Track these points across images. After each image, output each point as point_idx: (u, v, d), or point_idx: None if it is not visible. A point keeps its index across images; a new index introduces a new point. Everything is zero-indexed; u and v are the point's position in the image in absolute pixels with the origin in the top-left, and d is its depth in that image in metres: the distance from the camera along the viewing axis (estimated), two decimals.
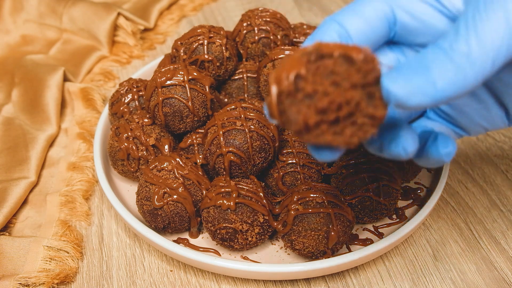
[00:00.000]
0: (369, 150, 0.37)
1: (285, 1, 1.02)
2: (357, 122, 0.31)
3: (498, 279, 0.53)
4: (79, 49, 0.86)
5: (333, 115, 0.31)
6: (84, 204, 0.62)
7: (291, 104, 0.31)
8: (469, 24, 0.30)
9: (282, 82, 0.30)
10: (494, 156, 0.67)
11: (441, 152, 0.36)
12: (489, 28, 0.29)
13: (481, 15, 0.30)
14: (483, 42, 0.29)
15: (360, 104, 0.31)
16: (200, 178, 0.55)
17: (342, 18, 0.37)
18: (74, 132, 0.71)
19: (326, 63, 0.31)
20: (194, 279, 0.54)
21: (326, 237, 0.49)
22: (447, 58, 0.30)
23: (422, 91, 0.30)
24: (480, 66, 0.30)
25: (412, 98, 0.30)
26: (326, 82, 0.31)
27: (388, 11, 0.37)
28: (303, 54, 0.31)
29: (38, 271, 0.53)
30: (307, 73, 0.30)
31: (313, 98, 0.31)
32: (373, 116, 0.31)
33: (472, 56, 0.29)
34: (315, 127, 0.31)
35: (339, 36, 0.36)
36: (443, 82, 0.30)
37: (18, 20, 0.91)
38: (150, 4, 0.96)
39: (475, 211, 0.60)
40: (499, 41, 0.29)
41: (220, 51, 0.63)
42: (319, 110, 0.31)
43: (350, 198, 0.53)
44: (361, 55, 0.30)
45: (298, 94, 0.31)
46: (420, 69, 0.30)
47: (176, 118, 0.58)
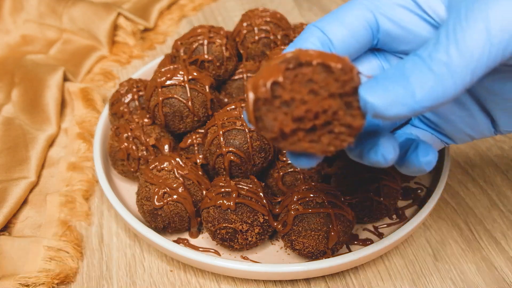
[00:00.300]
0: (350, 156, 0.37)
1: (285, 1, 1.02)
2: (334, 131, 0.31)
3: (498, 279, 0.53)
4: (79, 49, 0.86)
5: (310, 124, 0.31)
6: (84, 204, 0.62)
7: (268, 111, 0.31)
8: (449, 34, 0.30)
9: (259, 89, 0.30)
10: (494, 156, 0.67)
11: (421, 160, 0.36)
12: (469, 38, 0.29)
13: (462, 25, 0.29)
14: (463, 52, 0.29)
15: (337, 113, 0.31)
16: (200, 178, 0.55)
17: (325, 25, 0.36)
18: (74, 132, 0.71)
19: (304, 71, 0.30)
20: (194, 279, 0.54)
21: (326, 237, 0.49)
22: (426, 68, 0.29)
23: (400, 101, 0.29)
24: (460, 76, 0.29)
25: (390, 108, 0.29)
26: (304, 90, 0.31)
27: (371, 18, 0.36)
28: (282, 61, 0.31)
29: (38, 271, 0.53)
30: (285, 80, 0.30)
31: (290, 105, 0.31)
32: (350, 125, 0.31)
33: (452, 66, 0.29)
34: (292, 134, 0.31)
35: (321, 43, 0.36)
36: (422, 92, 0.29)
37: (18, 20, 0.91)
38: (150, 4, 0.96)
39: (475, 211, 0.60)
40: (479, 51, 0.29)
41: (220, 51, 0.63)
42: (295, 118, 0.31)
43: (350, 198, 0.53)
44: (340, 65, 0.30)
45: (275, 101, 0.31)
46: (398, 79, 0.30)
47: (176, 118, 0.58)
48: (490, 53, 0.29)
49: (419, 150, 0.36)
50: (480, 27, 0.29)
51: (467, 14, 0.30)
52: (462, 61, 0.29)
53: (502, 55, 0.30)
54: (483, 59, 0.29)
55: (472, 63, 0.29)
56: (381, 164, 0.34)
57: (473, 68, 0.29)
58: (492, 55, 0.29)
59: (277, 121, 0.31)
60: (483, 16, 0.29)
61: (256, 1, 1.01)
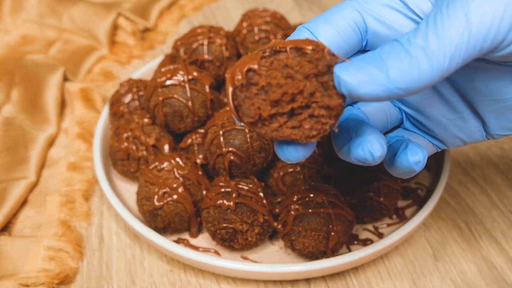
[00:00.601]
0: (339, 156, 0.37)
1: (285, 1, 1.02)
2: (315, 114, 0.32)
3: (498, 279, 0.53)
4: (79, 49, 0.86)
5: (288, 107, 0.32)
6: (84, 204, 0.62)
7: (246, 98, 0.31)
8: (429, 21, 0.30)
9: (235, 78, 0.31)
10: (494, 156, 0.67)
11: (410, 160, 0.36)
12: (448, 26, 0.29)
13: (442, 14, 0.30)
14: (442, 38, 0.29)
15: (315, 95, 0.31)
16: (200, 178, 0.55)
17: (314, 25, 0.36)
18: (74, 132, 0.70)
19: (280, 57, 0.31)
20: (194, 279, 0.54)
21: (326, 237, 0.49)
22: (403, 50, 0.29)
23: (374, 80, 0.29)
24: (437, 61, 0.29)
25: (364, 86, 0.29)
26: (279, 75, 0.31)
27: (359, 19, 0.36)
28: (258, 51, 0.31)
29: (38, 271, 0.53)
30: (261, 67, 0.31)
31: (268, 91, 0.31)
32: (329, 106, 0.31)
33: (429, 50, 0.29)
34: (271, 119, 0.32)
35: None
36: (397, 72, 0.29)
37: (18, 20, 0.91)
38: (150, 4, 0.96)
39: (475, 211, 0.60)
40: (458, 38, 0.29)
41: (220, 51, 0.63)
42: (272, 102, 0.31)
43: (350, 198, 0.53)
44: (311, 46, 0.31)
45: (252, 88, 0.31)
46: (374, 60, 0.30)
47: (176, 118, 0.58)
48: (469, 42, 0.29)
49: (408, 150, 0.37)
50: (460, 15, 0.29)
51: (448, 4, 0.30)
52: (440, 47, 0.29)
53: (481, 45, 0.30)
54: (462, 47, 0.29)
55: (450, 50, 0.29)
56: (369, 161, 0.34)
57: (451, 55, 0.29)
58: (471, 44, 0.29)
59: (255, 106, 0.31)
60: (464, 5, 0.29)
61: (256, 1, 1.01)
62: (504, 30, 0.30)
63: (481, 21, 0.29)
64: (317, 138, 0.33)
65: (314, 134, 0.32)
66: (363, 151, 0.34)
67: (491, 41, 0.30)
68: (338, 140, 0.37)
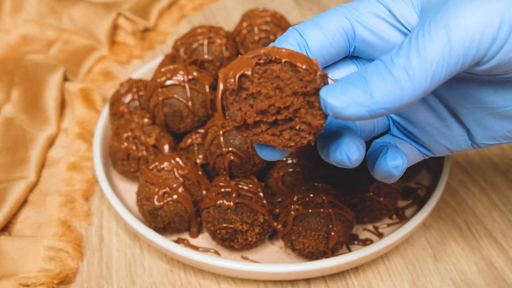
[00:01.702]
0: (322, 157, 0.38)
1: (285, 1, 1.02)
2: (296, 128, 0.33)
3: (498, 279, 0.53)
4: (79, 49, 0.86)
5: (272, 118, 0.33)
6: (84, 204, 0.62)
7: (235, 101, 0.33)
8: (412, 40, 0.31)
9: (228, 80, 0.32)
10: (494, 156, 0.67)
11: (388, 164, 0.38)
12: (429, 44, 0.30)
13: (424, 31, 0.31)
14: (423, 57, 0.30)
15: (299, 111, 0.33)
16: (200, 178, 0.55)
17: (304, 28, 0.37)
18: (74, 132, 0.70)
19: (273, 67, 0.32)
20: (194, 279, 0.54)
21: (326, 237, 0.49)
22: (386, 70, 0.30)
23: (358, 102, 0.30)
24: (419, 81, 0.30)
25: (348, 108, 0.31)
26: (270, 86, 0.33)
27: (348, 25, 0.37)
28: (254, 56, 0.32)
29: (38, 271, 0.53)
30: (253, 74, 0.32)
31: (256, 98, 0.33)
32: (310, 124, 0.33)
33: (410, 70, 0.30)
34: (254, 125, 0.34)
35: (298, 45, 0.37)
36: (380, 94, 0.30)
37: (18, 20, 0.91)
38: (150, 4, 0.96)
39: (475, 211, 0.60)
40: (439, 56, 0.30)
41: (220, 51, 0.63)
42: (259, 111, 0.33)
43: (350, 198, 0.53)
44: (305, 65, 0.32)
45: (242, 93, 0.33)
46: (358, 82, 0.31)
47: (176, 118, 0.58)
48: (450, 59, 0.30)
49: (388, 154, 0.38)
50: (441, 33, 0.30)
51: (430, 22, 0.31)
52: (422, 66, 0.30)
53: (462, 61, 0.31)
54: (443, 65, 0.30)
55: (431, 68, 0.30)
56: (346, 163, 0.35)
57: (432, 73, 0.30)
58: (453, 61, 0.30)
59: (242, 112, 0.33)
60: (445, 23, 0.30)
61: (256, 1, 1.01)
62: (485, 46, 0.31)
63: (462, 38, 0.30)
64: (294, 149, 0.34)
65: (291, 144, 0.34)
66: (340, 154, 0.35)
67: (472, 57, 0.31)
68: (320, 143, 0.38)
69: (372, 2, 0.37)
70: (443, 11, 0.31)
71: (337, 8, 0.38)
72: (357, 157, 0.35)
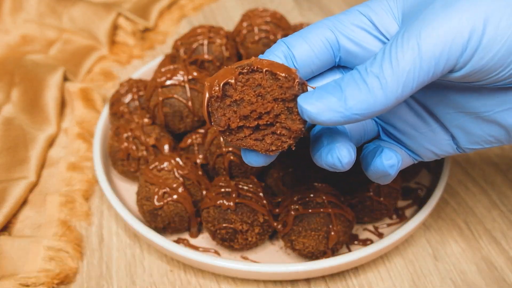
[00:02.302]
0: (314, 161, 0.39)
1: (285, 1, 1.02)
2: (277, 133, 0.36)
3: (498, 279, 0.53)
4: (79, 49, 0.86)
5: (254, 122, 0.36)
6: (84, 204, 0.62)
7: (219, 107, 0.36)
8: (386, 51, 0.33)
9: (213, 88, 0.35)
10: (494, 156, 0.67)
11: (384, 164, 0.39)
12: (401, 54, 0.32)
13: (397, 43, 0.33)
14: (395, 66, 0.32)
15: (280, 116, 0.35)
16: (200, 178, 0.55)
17: (291, 41, 0.39)
18: (74, 132, 0.70)
19: (255, 76, 0.35)
20: (194, 279, 0.54)
21: (326, 237, 0.49)
22: (360, 79, 0.33)
23: (332, 108, 0.33)
24: (391, 89, 0.32)
25: (322, 114, 0.33)
26: (252, 93, 0.35)
27: (332, 38, 0.39)
28: (238, 66, 0.35)
29: (38, 271, 0.53)
30: (237, 83, 0.35)
31: (239, 105, 0.36)
32: (290, 129, 0.35)
33: (383, 79, 0.32)
34: (237, 130, 0.36)
35: (285, 56, 0.39)
36: (353, 101, 0.32)
37: (18, 20, 0.91)
38: (150, 4, 0.96)
39: (475, 211, 0.60)
40: (410, 66, 0.32)
41: (220, 51, 0.63)
42: (241, 116, 0.36)
43: (350, 198, 0.53)
44: (284, 73, 0.34)
45: (226, 100, 0.35)
46: (334, 88, 0.33)
47: (176, 118, 0.58)
48: (421, 68, 0.32)
49: (383, 153, 0.40)
50: (412, 44, 0.32)
51: (404, 33, 0.33)
52: (394, 75, 0.32)
53: (434, 70, 0.32)
54: (414, 74, 0.32)
55: (403, 77, 0.32)
56: (338, 167, 0.37)
57: (404, 82, 0.32)
58: (423, 70, 0.32)
59: (226, 117, 0.36)
60: (416, 34, 0.32)
61: (256, 1, 1.01)
62: (455, 55, 0.32)
63: (432, 48, 0.32)
64: (275, 153, 0.37)
65: (273, 148, 0.37)
66: (332, 158, 0.37)
67: (443, 66, 0.33)
68: (313, 147, 0.39)
69: (356, 15, 0.39)
70: (416, 22, 0.33)
71: (322, 21, 0.39)
72: (348, 160, 0.37)
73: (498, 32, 0.32)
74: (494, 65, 0.33)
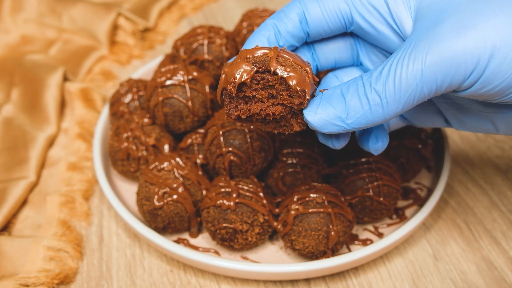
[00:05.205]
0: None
1: (285, 1, 1.02)
2: (281, 124, 0.40)
3: (498, 279, 0.53)
4: (79, 49, 0.86)
5: (261, 117, 0.39)
6: (84, 204, 0.62)
7: (232, 100, 0.39)
8: (391, 68, 0.35)
9: (229, 84, 0.38)
10: (494, 156, 0.67)
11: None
12: (405, 76, 0.34)
13: (404, 62, 0.35)
14: (398, 87, 0.34)
15: (286, 116, 0.39)
16: (200, 178, 0.55)
17: (308, 5, 0.41)
18: (74, 132, 0.70)
19: (270, 78, 0.38)
20: (194, 279, 0.54)
21: (326, 237, 0.49)
22: (364, 96, 0.36)
23: (334, 123, 0.37)
24: (392, 107, 0.35)
25: (325, 127, 0.37)
26: (264, 94, 0.38)
27: (348, 12, 0.41)
28: (255, 63, 0.37)
29: (38, 271, 0.53)
30: (251, 81, 0.38)
31: (251, 100, 0.39)
32: (292, 127, 0.40)
33: (385, 99, 0.35)
34: (247, 118, 0.40)
35: (298, 16, 0.42)
36: (354, 118, 0.36)
37: (17, 20, 0.91)
38: (150, 4, 0.96)
39: (475, 211, 0.60)
40: (412, 89, 0.34)
41: (220, 51, 0.63)
42: (251, 112, 0.39)
43: (350, 198, 0.53)
44: (298, 87, 0.37)
45: (239, 93, 0.38)
46: (338, 101, 0.36)
47: (176, 118, 0.58)
48: (422, 91, 0.35)
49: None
50: (417, 67, 0.34)
51: (411, 53, 0.35)
52: (396, 95, 0.35)
53: (434, 93, 0.35)
54: (415, 95, 0.35)
55: (404, 98, 0.35)
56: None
57: (404, 102, 0.35)
58: (424, 93, 0.35)
59: (237, 110, 0.39)
60: (422, 57, 0.34)
61: (256, 1, 1.01)
62: (457, 82, 0.34)
63: (435, 75, 0.34)
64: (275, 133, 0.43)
65: (275, 131, 0.41)
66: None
67: (443, 91, 0.35)
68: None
69: None
70: (425, 41, 0.35)
71: None
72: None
73: (502, 67, 0.33)
74: (495, 93, 0.35)
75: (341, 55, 0.46)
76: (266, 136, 0.54)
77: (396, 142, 0.58)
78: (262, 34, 0.42)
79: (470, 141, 0.69)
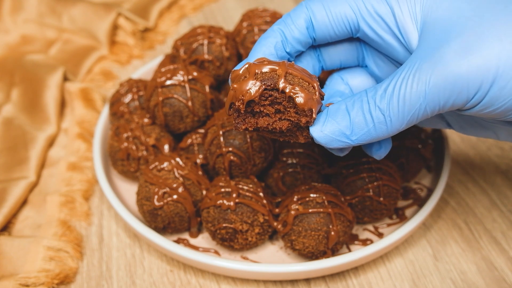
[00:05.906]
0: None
1: (285, 1, 1.02)
2: (286, 135, 0.41)
3: (498, 279, 0.53)
4: (79, 49, 0.86)
5: (268, 129, 0.41)
6: (84, 204, 0.62)
7: (240, 114, 0.40)
8: (395, 87, 0.36)
9: (237, 101, 0.39)
10: (494, 156, 0.67)
11: (373, 154, 0.43)
12: (409, 95, 0.35)
13: (408, 82, 0.35)
14: (401, 106, 0.35)
15: (292, 129, 0.40)
16: (200, 178, 0.55)
17: (313, 7, 0.42)
18: (74, 132, 0.70)
19: (278, 96, 0.39)
20: (194, 279, 0.54)
21: (326, 237, 0.49)
22: (368, 114, 0.37)
23: (339, 139, 0.38)
24: (395, 125, 0.36)
25: (331, 143, 0.38)
26: (271, 109, 0.39)
27: (354, 19, 0.41)
28: (264, 81, 0.38)
29: (38, 271, 0.53)
30: (260, 98, 0.39)
31: (258, 114, 0.40)
32: (298, 138, 0.41)
33: (388, 117, 0.36)
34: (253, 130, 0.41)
35: (305, 23, 0.42)
36: (358, 134, 0.37)
37: (17, 19, 0.91)
38: (150, 4, 0.95)
39: (475, 211, 0.60)
40: (415, 109, 0.35)
41: (220, 51, 0.63)
42: (258, 125, 0.40)
43: (350, 198, 0.53)
44: (305, 107, 0.38)
45: (247, 108, 0.39)
46: (343, 118, 0.37)
47: (176, 118, 0.58)
48: (425, 110, 0.36)
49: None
50: (421, 88, 0.35)
51: (415, 73, 0.35)
52: (400, 114, 0.36)
53: (438, 110, 0.36)
54: (418, 114, 0.36)
55: (407, 116, 0.36)
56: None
57: (408, 120, 0.36)
58: (427, 112, 0.36)
59: (244, 123, 0.40)
60: (426, 78, 0.35)
61: (256, 1, 1.01)
62: (459, 104, 0.35)
63: (438, 97, 0.35)
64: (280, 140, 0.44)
65: (280, 140, 0.42)
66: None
67: (446, 110, 0.36)
68: None
69: (380, 2, 0.40)
70: (429, 63, 0.35)
71: None
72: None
73: (504, 91, 0.34)
74: (498, 113, 0.36)
75: (347, 57, 0.46)
76: None
77: (396, 142, 0.58)
78: (269, 41, 0.42)
79: (470, 141, 0.69)
